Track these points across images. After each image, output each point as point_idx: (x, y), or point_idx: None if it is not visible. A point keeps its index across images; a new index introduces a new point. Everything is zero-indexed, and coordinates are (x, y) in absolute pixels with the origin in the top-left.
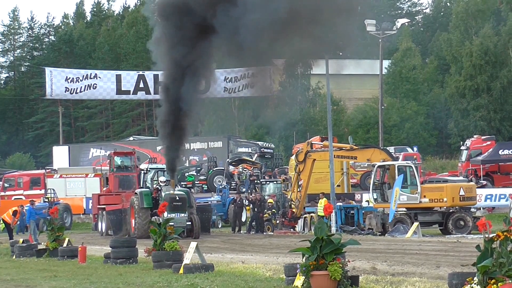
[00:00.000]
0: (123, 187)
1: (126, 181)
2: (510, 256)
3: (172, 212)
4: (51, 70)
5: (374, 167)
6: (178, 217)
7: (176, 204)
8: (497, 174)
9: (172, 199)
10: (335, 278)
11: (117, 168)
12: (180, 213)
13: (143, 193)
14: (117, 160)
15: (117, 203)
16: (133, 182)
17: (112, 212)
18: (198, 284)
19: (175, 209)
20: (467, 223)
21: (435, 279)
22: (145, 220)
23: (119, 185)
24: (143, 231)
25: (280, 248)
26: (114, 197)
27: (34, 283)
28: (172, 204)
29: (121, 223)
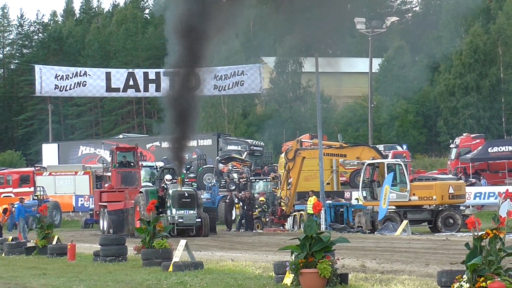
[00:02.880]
0: (126, 184)
1: (128, 177)
2: (499, 254)
3: (181, 209)
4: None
5: (363, 165)
6: (187, 214)
7: (185, 201)
8: (486, 172)
9: (181, 195)
10: (324, 276)
11: (119, 163)
12: (189, 210)
13: (149, 191)
14: (119, 155)
15: (120, 200)
16: (136, 179)
17: (113, 212)
18: (188, 282)
19: (184, 206)
20: (456, 221)
21: (424, 277)
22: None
23: (122, 181)
24: None
25: (270, 246)
26: (117, 194)
27: (23, 280)
28: (181, 201)
29: (123, 223)
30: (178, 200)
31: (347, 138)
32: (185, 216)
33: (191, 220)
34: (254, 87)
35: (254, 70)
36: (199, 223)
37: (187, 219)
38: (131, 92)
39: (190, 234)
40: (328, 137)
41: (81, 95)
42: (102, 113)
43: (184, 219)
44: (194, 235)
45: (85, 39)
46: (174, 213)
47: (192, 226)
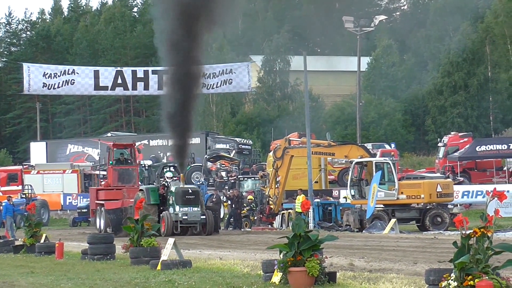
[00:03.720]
0: (123, 181)
1: (126, 174)
2: (487, 253)
3: (184, 206)
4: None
5: (351, 164)
6: (191, 211)
7: (189, 198)
8: (474, 171)
9: (185, 192)
10: (312, 274)
11: (116, 161)
12: (193, 207)
13: (150, 189)
14: (116, 152)
15: (118, 198)
16: (133, 176)
17: (112, 211)
18: (176, 281)
19: (188, 203)
20: (444, 220)
21: (412, 275)
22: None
23: (119, 179)
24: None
25: (258, 244)
26: (115, 192)
27: (11, 279)
28: (185, 198)
29: (121, 223)
30: (182, 197)
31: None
32: (189, 213)
33: (195, 217)
34: (243, 86)
35: (243, 69)
36: (203, 220)
37: (192, 216)
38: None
39: (194, 232)
40: (316, 136)
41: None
42: (90, 111)
43: (188, 216)
44: (198, 233)
45: (73, 37)
46: (177, 210)
47: (196, 223)
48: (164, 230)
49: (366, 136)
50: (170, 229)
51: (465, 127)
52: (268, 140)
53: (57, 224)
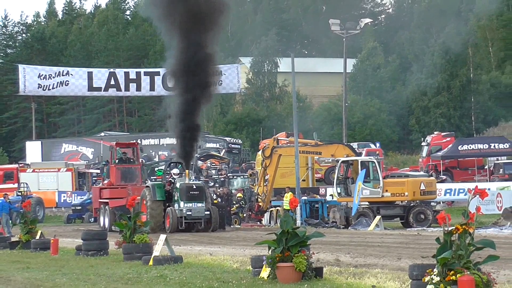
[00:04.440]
0: (126, 180)
1: (129, 173)
2: (469, 249)
3: (189, 201)
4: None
5: (338, 162)
6: (195, 206)
7: (193, 194)
8: (456, 169)
9: (189, 188)
10: (300, 269)
11: (119, 160)
12: (197, 202)
13: (156, 185)
14: (119, 151)
15: (122, 196)
16: (136, 175)
17: (118, 209)
18: (167, 276)
19: (192, 199)
20: (427, 217)
21: (397, 271)
22: (158, 214)
23: (122, 178)
24: (156, 224)
25: (247, 240)
26: (119, 190)
27: (7, 274)
28: (189, 194)
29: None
30: (186, 193)
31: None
32: (193, 209)
33: (199, 213)
34: (232, 87)
35: (232, 70)
36: (207, 216)
37: (196, 212)
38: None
39: (199, 228)
40: (303, 135)
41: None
42: (84, 111)
43: (192, 212)
44: (203, 229)
45: (67, 39)
46: (182, 206)
47: (200, 219)
48: (169, 226)
49: (352, 136)
50: (174, 225)
51: (448, 127)
52: (257, 140)
53: (52, 221)
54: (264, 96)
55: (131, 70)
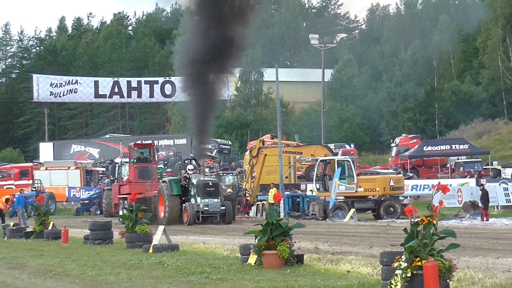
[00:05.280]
0: (143, 178)
1: (145, 171)
2: (433, 238)
3: (205, 197)
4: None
5: (317, 161)
6: (212, 202)
7: (210, 190)
8: (422, 167)
9: (206, 185)
10: (283, 256)
11: (137, 159)
12: (213, 198)
13: (173, 181)
14: (137, 151)
15: (141, 191)
16: (152, 173)
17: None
18: (165, 262)
19: (209, 194)
20: (396, 209)
21: (369, 257)
22: (175, 207)
23: (139, 176)
24: (173, 217)
25: (236, 231)
26: (138, 186)
27: (23, 260)
28: (206, 190)
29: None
30: (203, 189)
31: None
32: (210, 204)
33: (216, 208)
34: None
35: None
36: (223, 210)
37: (212, 207)
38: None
39: (214, 221)
40: (286, 137)
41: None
42: (91, 116)
43: (209, 207)
44: (218, 222)
45: (76, 52)
46: (199, 202)
47: (216, 213)
48: (187, 219)
49: (329, 138)
50: (192, 219)
51: (414, 130)
52: (245, 141)
53: (62, 214)
54: (251, 102)
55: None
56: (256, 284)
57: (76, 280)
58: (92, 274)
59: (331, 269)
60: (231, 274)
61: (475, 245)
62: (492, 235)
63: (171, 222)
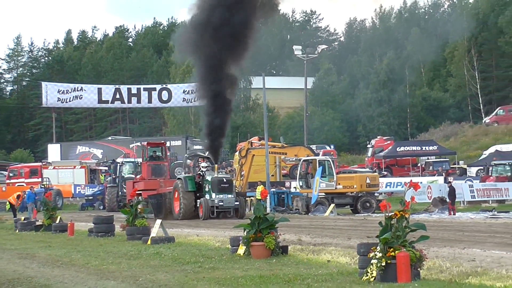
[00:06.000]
0: (156, 175)
1: (158, 169)
2: (405, 230)
3: (220, 193)
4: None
5: (300, 161)
6: (226, 197)
7: (224, 186)
8: (395, 166)
9: (220, 181)
10: (269, 247)
11: (150, 157)
12: (227, 194)
13: (187, 178)
14: (150, 150)
15: (155, 188)
16: (164, 170)
17: (153, 197)
18: (162, 252)
19: (223, 191)
20: (372, 205)
21: (347, 248)
22: (190, 203)
23: (152, 173)
24: (188, 213)
25: (227, 224)
26: (152, 182)
27: (33, 251)
28: (220, 186)
29: (161, 206)
30: (217, 185)
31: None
32: (224, 199)
33: (230, 203)
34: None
35: None
36: (237, 205)
37: (227, 202)
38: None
39: (228, 216)
40: (272, 139)
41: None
42: (95, 119)
43: (224, 202)
44: (231, 217)
45: (81, 61)
46: (214, 197)
47: (230, 208)
48: (202, 214)
49: (312, 139)
50: (207, 214)
51: (388, 133)
52: (234, 143)
53: (69, 209)
54: (240, 107)
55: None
56: (245, 272)
57: (81, 269)
58: (95, 264)
59: (313, 259)
60: (222, 263)
61: (443, 237)
62: (459, 227)
63: (186, 217)
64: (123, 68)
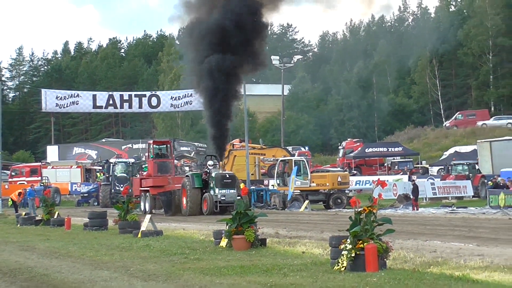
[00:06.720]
0: (161, 172)
1: (163, 166)
2: (373, 224)
3: (222, 188)
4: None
5: (277, 161)
6: (228, 193)
7: (226, 182)
8: (364, 166)
9: (223, 177)
10: (249, 240)
11: (155, 155)
12: (230, 189)
13: (194, 175)
14: (155, 148)
15: (163, 184)
16: (170, 167)
17: (163, 194)
18: (152, 245)
19: (226, 186)
20: (343, 201)
21: (320, 241)
22: (197, 199)
23: (158, 170)
24: (195, 208)
25: (210, 219)
26: (160, 179)
27: (33, 244)
28: (223, 181)
29: (171, 203)
30: (220, 181)
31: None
32: (226, 194)
33: (232, 198)
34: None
35: None
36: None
37: (229, 197)
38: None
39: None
40: (252, 141)
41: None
42: (90, 123)
43: (226, 197)
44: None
45: (78, 70)
46: (217, 192)
47: (232, 203)
48: (206, 209)
49: (288, 141)
50: (211, 209)
51: (358, 135)
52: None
53: (66, 205)
54: None
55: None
56: (227, 263)
57: (77, 260)
58: (90, 255)
59: (289, 250)
60: (206, 254)
61: (407, 230)
62: (421, 222)
63: (192, 212)
64: (116, 76)
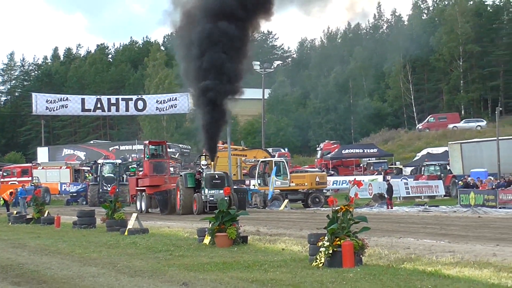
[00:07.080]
0: (157, 172)
1: (159, 166)
2: (349, 222)
3: (212, 189)
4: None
5: (258, 162)
6: (217, 193)
7: (216, 182)
8: (341, 167)
9: (212, 177)
10: (231, 237)
11: (151, 155)
12: (219, 189)
13: (188, 174)
14: (151, 148)
15: (159, 184)
16: (165, 167)
17: (159, 193)
18: (138, 242)
19: (215, 186)
20: (321, 200)
21: (299, 238)
22: (189, 198)
23: (153, 170)
24: (187, 207)
25: (194, 217)
26: (157, 179)
27: (24, 241)
28: (212, 182)
29: (167, 202)
30: (210, 181)
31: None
32: (215, 195)
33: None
34: (184, 109)
35: (184, 97)
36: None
37: (217, 197)
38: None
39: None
40: (234, 143)
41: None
42: (79, 126)
43: (214, 197)
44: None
45: (67, 75)
46: (206, 193)
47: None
48: (196, 209)
49: (268, 143)
50: (201, 208)
51: (335, 137)
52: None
53: (55, 204)
54: None
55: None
56: (210, 259)
57: (66, 257)
58: (79, 252)
59: (269, 247)
60: (190, 251)
61: (382, 228)
62: (396, 220)
63: (185, 211)
64: (103, 80)
